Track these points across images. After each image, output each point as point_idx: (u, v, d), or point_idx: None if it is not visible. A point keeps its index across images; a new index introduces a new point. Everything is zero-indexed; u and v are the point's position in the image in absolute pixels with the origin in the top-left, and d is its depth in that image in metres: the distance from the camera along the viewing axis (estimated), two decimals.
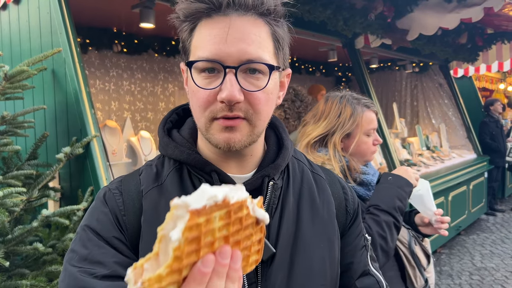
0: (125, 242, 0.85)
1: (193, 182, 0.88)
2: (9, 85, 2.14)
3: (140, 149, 3.75)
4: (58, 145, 2.57)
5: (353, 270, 0.99)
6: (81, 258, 0.81)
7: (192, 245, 0.51)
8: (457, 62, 6.81)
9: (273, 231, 0.86)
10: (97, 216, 0.87)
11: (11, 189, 1.88)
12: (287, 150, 0.94)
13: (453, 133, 6.85)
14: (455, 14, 3.94)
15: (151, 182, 0.89)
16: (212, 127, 0.81)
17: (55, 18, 2.54)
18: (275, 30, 0.83)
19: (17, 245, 2.03)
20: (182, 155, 0.89)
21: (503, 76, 11.01)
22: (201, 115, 0.82)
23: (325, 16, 3.62)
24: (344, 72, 7.94)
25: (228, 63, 0.77)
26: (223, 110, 0.79)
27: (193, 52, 0.81)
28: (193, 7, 0.79)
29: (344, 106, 1.74)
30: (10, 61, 2.95)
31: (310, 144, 1.75)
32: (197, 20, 0.81)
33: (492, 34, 5.44)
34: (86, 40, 4.35)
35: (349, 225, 1.01)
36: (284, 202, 0.90)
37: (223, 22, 0.78)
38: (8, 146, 2.17)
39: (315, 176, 0.99)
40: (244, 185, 0.86)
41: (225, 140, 0.80)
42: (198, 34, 0.81)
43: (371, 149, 1.76)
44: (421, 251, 1.80)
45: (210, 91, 0.79)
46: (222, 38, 0.77)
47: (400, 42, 4.62)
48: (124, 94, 4.86)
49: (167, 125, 0.97)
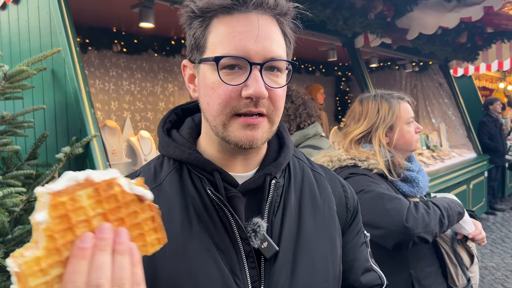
0: None
1: (194, 182, 0.87)
2: (9, 85, 2.14)
3: (140, 148, 3.75)
4: (58, 145, 2.57)
5: (356, 266, 1.00)
6: None
7: (62, 224, 0.53)
8: (457, 61, 6.81)
9: (276, 229, 0.87)
10: None
11: (11, 189, 1.87)
12: (288, 148, 0.95)
13: (453, 133, 6.85)
14: (455, 13, 3.94)
15: (148, 183, 0.88)
16: (232, 124, 0.81)
17: (54, 18, 2.53)
18: (286, 31, 0.85)
19: (17, 245, 2.03)
20: (183, 154, 0.88)
21: (503, 75, 11.01)
22: (220, 112, 0.81)
23: (325, 15, 3.62)
24: (344, 72, 7.94)
25: (254, 59, 0.78)
26: (247, 106, 0.79)
27: (212, 49, 0.81)
28: (216, 2, 0.79)
29: (380, 102, 1.81)
30: (10, 61, 2.95)
31: (354, 141, 1.81)
32: (214, 17, 0.81)
33: (491, 33, 5.44)
34: (86, 40, 4.35)
35: (349, 222, 1.02)
36: (286, 200, 0.90)
37: (246, 19, 0.79)
38: (7, 146, 2.17)
39: (315, 175, 1.00)
40: (246, 184, 0.87)
41: (248, 138, 0.81)
42: (217, 30, 0.80)
43: (414, 137, 1.81)
44: (464, 250, 1.81)
45: (233, 87, 0.79)
46: (249, 35, 0.78)
47: (400, 41, 4.62)
48: (123, 94, 4.85)
49: (166, 125, 0.97)
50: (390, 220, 1.55)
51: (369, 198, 1.60)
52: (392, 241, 1.57)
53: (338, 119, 7.94)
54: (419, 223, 1.55)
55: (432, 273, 1.74)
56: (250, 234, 0.84)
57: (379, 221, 1.57)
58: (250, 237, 0.83)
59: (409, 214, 1.56)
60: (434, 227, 1.58)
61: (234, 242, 0.83)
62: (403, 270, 1.69)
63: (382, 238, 1.58)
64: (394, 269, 1.68)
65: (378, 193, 1.62)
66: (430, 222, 1.58)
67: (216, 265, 0.80)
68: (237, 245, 0.83)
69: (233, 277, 0.81)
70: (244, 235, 0.83)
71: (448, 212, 1.64)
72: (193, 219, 0.83)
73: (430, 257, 1.76)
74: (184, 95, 5.48)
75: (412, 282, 1.67)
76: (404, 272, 1.69)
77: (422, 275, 1.70)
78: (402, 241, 1.55)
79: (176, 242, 0.81)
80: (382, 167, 1.70)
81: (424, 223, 1.56)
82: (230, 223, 0.83)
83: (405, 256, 1.69)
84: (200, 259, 0.80)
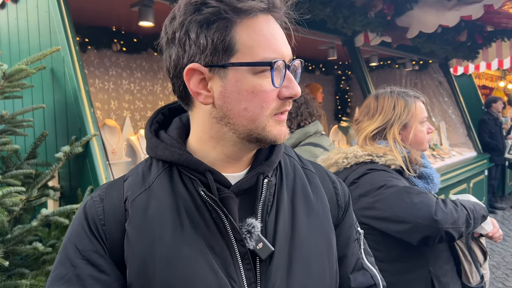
0: (104, 255, 0.83)
1: (185, 183, 0.85)
2: (8, 84, 2.13)
3: (139, 148, 3.75)
4: (57, 144, 2.56)
5: (347, 263, 0.98)
6: (59, 277, 0.82)
7: None
8: (457, 60, 6.80)
9: (270, 229, 0.85)
10: (76, 228, 0.86)
11: (10, 188, 1.87)
12: (280, 146, 0.93)
13: (453, 131, 6.84)
14: (455, 12, 3.93)
15: (137, 187, 0.86)
16: (270, 124, 0.83)
17: (53, 17, 2.53)
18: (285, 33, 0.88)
19: (17, 244, 2.02)
20: (173, 155, 0.85)
21: (503, 73, 11.00)
22: (261, 115, 0.81)
23: (325, 14, 3.60)
24: (344, 70, 7.93)
25: (286, 61, 0.81)
26: (284, 105, 0.83)
27: (247, 52, 0.78)
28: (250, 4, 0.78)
29: (396, 99, 1.80)
30: (9, 60, 2.94)
31: (368, 137, 1.80)
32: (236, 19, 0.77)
33: (492, 31, 5.43)
34: (85, 39, 4.34)
35: (341, 218, 1.01)
36: (279, 199, 0.89)
37: (272, 22, 0.82)
38: (7, 145, 2.16)
39: (307, 172, 0.99)
40: (239, 184, 0.85)
41: (282, 133, 0.84)
42: (249, 33, 0.78)
43: (426, 137, 1.81)
44: (478, 247, 1.81)
45: (273, 89, 0.81)
46: (280, 37, 0.82)
47: (400, 40, 4.61)
48: (123, 93, 4.85)
49: (154, 126, 0.94)
50: (418, 214, 1.53)
51: (392, 192, 1.58)
52: (419, 235, 1.54)
53: (338, 118, 7.93)
54: (448, 217, 1.53)
55: (449, 270, 1.73)
56: (245, 235, 0.82)
57: (405, 216, 1.54)
58: (245, 238, 0.82)
59: (437, 208, 1.54)
60: (461, 225, 1.56)
61: (228, 244, 0.81)
62: (422, 267, 1.68)
63: (407, 233, 1.56)
64: (414, 266, 1.68)
65: (403, 187, 1.60)
66: (459, 219, 1.56)
67: (211, 268, 0.78)
68: (232, 247, 0.81)
69: (229, 280, 0.79)
70: (239, 237, 0.81)
71: (474, 214, 1.63)
72: (185, 221, 0.81)
73: (446, 254, 1.75)
74: None
75: (432, 280, 1.66)
76: (423, 270, 1.67)
77: (441, 273, 1.69)
78: (430, 235, 1.52)
79: (168, 247, 0.79)
80: (400, 162, 1.70)
81: (453, 219, 1.54)
82: (224, 225, 0.81)
83: (424, 253, 1.67)
84: (194, 264, 0.78)
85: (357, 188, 1.67)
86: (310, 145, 2.41)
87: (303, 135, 2.46)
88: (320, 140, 2.48)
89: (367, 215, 1.64)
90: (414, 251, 1.67)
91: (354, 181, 1.69)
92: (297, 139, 2.45)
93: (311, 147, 2.39)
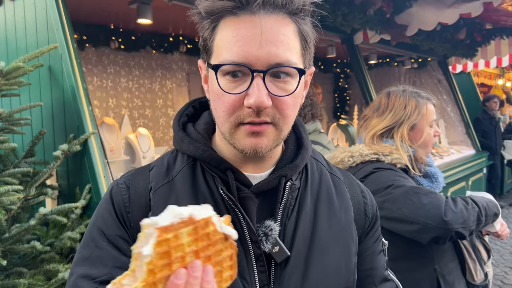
0: (129, 240, 0.83)
1: (206, 179, 0.85)
2: (5, 82, 2.12)
3: (138, 146, 3.73)
4: (55, 143, 2.55)
5: (374, 275, 0.97)
6: (83, 258, 0.82)
7: (163, 259, 0.57)
8: (455, 58, 6.79)
9: (289, 233, 0.84)
10: (102, 213, 0.87)
11: (8, 187, 1.86)
12: (306, 150, 0.91)
13: (452, 129, 6.84)
14: (454, 9, 3.93)
15: (161, 178, 0.87)
16: (238, 132, 0.78)
17: (51, 14, 2.51)
18: (302, 29, 0.79)
19: (15, 243, 2.01)
20: (197, 151, 0.86)
21: (502, 71, 11.01)
22: (225, 120, 0.78)
23: (324, 11, 3.59)
24: (343, 68, 7.93)
25: (256, 66, 0.74)
26: (250, 116, 0.76)
27: (217, 53, 0.77)
28: (218, 5, 0.75)
29: (408, 98, 1.79)
30: (6, 57, 2.92)
31: (376, 135, 1.79)
32: (220, 18, 0.77)
33: (490, 29, 5.42)
34: (83, 37, 4.32)
35: (367, 229, 0.98)
36: (301, 204, 0.87)
37: (251, 21, 0.74)
38: (4, 143, 2.15)
39: (334, 178, 0.96)
40: (260, 185, 0.84)
41: (252, 145, 0.78)
42: (222, 33, 0.76)
43: (432, 140, 1.81)
44: (482, 245, 1.82)
45: (236, 95, 0.75)
46: (251, 40, 0.73)
47: (399, 37, 4.60)
48: (121, 91, 4.83)
49: (183, 119, 0.94)
50: (427, 215, 1.52)
51: (401, 193, 1.58)
52: (429, 236, 1.53)
53: (336, 116, 7.93)
54: (458, 218, 1.52)
55: (454, 268, 1.73)
56: (261, 237, 0.81)
57: (414, 216, 1.54)
58: (261, 240, 0.81)
59: (447, 208, 1.54)
60: (472, 223, 1.56)
61: (244, 244, 0.80)
62: (428, 265, 1.68)
63: (417, 233, 1.56)
64: (420, 265, 1.68)
65: (410, 187, 1.59)
66: (469, 218, 1.55)
67: None
68: (247, 247, 0.81)
69: (241, 280, 0.79)
70: (255, 238, 0.81)
71: (486, 212, 1.63)
72: None
73: (451, 252, 1.75)
74: (182, 92, 5.46)
75: (437, 278, 1.66)
76: (429, 268, 1.68)
77: (446, 271, 1.69)
78: (440, 235, 1.52)
79: None
80: (406, 161, 1.69)
81: (463, 219, 1.53)
82: (241, 225, 0.81)
83: (430, 251, 1.68)
84: None
85: None
86: None
87: None
88: (318, 138, 2.50)
89: None
90: (420, 250, 1.67)
91: (361, 180, 1.69)
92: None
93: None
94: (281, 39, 0.74)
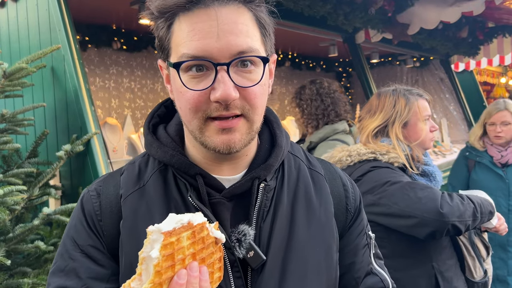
0: (102, 249, 0.82)
1: (178, 186, 0.82)
2: (8, 83, 2.13)
3: (140, 146, 3.75)
4: (58, 143, 2.56)
5: (354, 270, 0.94)
6: (59, 269, 0.82)
7: (168, 261, 0.62)
8: (458, 56, 6.77)
9: (265, 237, 0.81)
10: (74, 222, 0.85)
11: (11, 187, 1.87)
12: (280, 148, 0.87)
13: (455, 128, 6.83)
14: (456, 8, 3.92)
15: (131, 185, 0.84)
16: (208, 128, 0.76)
17: (53, 15, 2.52)
18: (259, 16, 0.77)
19: (18, 243, 2.03)
20: (166, 156, 0.82)
21: (504, 70, 10.97)
22: (192, 117, 0.76)
23: (325, 10, 3.59)
24: (345, 67, 7.92)
25: (218, 59, 0.72)
26: (217, 110, 0.73)
27: (176, 50, 0.75)
28: (170, 2, 0.73)
29: (398, 97, 1.82)
30: (9, 58, 2.94)
31: (370, 135, 1.81)
32: (175, 16, 0.75)
33: (493, 27, 5.41)
34: (85, 37, 4.33)
35: (349, 224, 0.95)
36: (277, 204, 0.84)
37: (206, 14, 0.72)
38: (8, 144, 2.16)
39: (313, 173, 0.92)
40: (232, 189, 0.81)
41: (225, 142, 0.75)
42: (179, 31, 0.74)
43: (429, 135, 1.82)
44: (481, 242, 1.83)
45: (201, 91, 0.73)
46: (209, 32, 0.71)
47: (400, 36, 4.59)
48: (124, 91, 4.84)
49: (154, 120, 0.91)
50: (424, 208, 1.54)
51: (397, 188, 1.60)
52: (427, 229, 1.55)
53: None
54: (454, 211, 1.54)
55: (452, 265, 1.75)
56: (234, 243, 0.78)
57: (411, 210, 1.55)
58: (234, 246, 0.78)
59: (443, 201, 1.55)
60: (468, 218, 1.57)
61: None
62: (425, 262, 1.69)
63: (414, 228, 1.57)
64: (417, 261, 1.70)
65: (407, 182, 1.61)
66: (465, 212, 1.57)
67: None
68: None
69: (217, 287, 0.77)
70: (228, 244, 0.78)
71: (481, 209, 1.64)
72: None
73: (450, 249, 1.76)
74: None
75: (435, 275, 1.68)
76: (426, 265, 1.69)
77: (444, 268, 1.70)
78: (437, 229, 1.54)
79: None
80: (403, 160, 1.71)
81: (459, 212, 1.55)
82: None
83: (427, 248, 1.69)
84: None
85: (361, 186, 1.68)
86: (337, 141, 2.51)
87: (331, 131, 2.55)
88: (346, 138, 2.57)
89: (372, 211, 1.64)
90: (417, 247, 1.68)
91: (358, 179, 1.70)
92: (326, 134, 2.55)
93: (338, 143, 2.47)
94: (239, 28, 0.73)
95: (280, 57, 6.53)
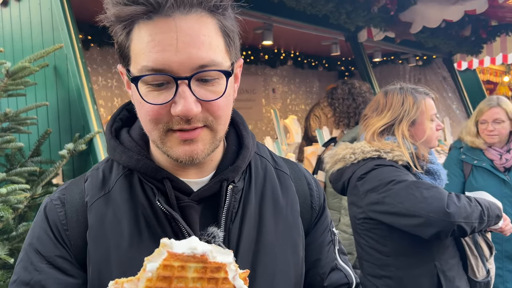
0: (70, 259, 0.80)
1: (145, 190, 0.80)
2: (11, 82, 2.14)
3: None
4: (61, 142, 2.57)
5: (320, 266, 0.95)
6: (23, 283, 0.78)
7: (163, 282, 0.58)
8: (460, 55, 6.75)
9: (234, 238, 0.81)
10: (38, 233, 0.82)
11: (14, 186, 1.88)
12: (247, 149, 0.86)
13: (457, 127, 6.79)
14: (459, 6, 3.91)
15: (96, 191, 0.82)
16: (169, 139, 0.74)
17: (56, 14, 2.53)
18: (223, 24, 0.74)
19: (22, 242, 2.03)
20: (131, 161, 0.80)
21: (507, 68, 10.93)
22: (153, 128, 0.74)
23: (328, 9, 3.59)
24: (347, 66, 7.90)
25: (179, 73, 0.69)
26: (179, 123, 0.71)
27: (135, 60, 0.72)
28: (127, 11, 0.69)
29: (405, 95, 1.80)
30: (12, 57, 2.94)
31: (376, 133, 1.80)
32: (133, 23, 0.71)
33: (496, 26, 5.39)
34: (88, 36, 4.34)
35: (314, 221, 0.96)
36: (245, 205, 0.84)
37: (166, 25, 0.68)
38: (11, 143, 2.17)
39: (279, 173, 0.93)
40: (201, 191, 0.79)
41: (187, 153, 0.74)
42: (138, 39, 0.71)
43: (435, 134, 1.81)
44: (484, 242, 1.82)
45: (161, 105, 0.71)
46: (168, 45, 0.68)
47: (403, 35, 4.58)
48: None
49: (116, 124, 0.88)
50: (430, 208, 1.52)
51: (402, 187, 1.58)
52: (432, 229, 1.54)
53: None
54: (461, 211, 1.53)
55: (454, 265, 1.74)
56: None
57: (416, 210, 1.54)
58: None
59: (450, 201, 1.54)
60: (474, 220, 1.56)
61: None
62: (428, 262, 1.69)
63: (419, 227, 1.56)
64: (419, 261, 1.69)
65: (412, 182, 1.60)
66: (472, 214, 1.56)
67: None
68: None
69: None
70: None
71: (489, 212, 1.63)
72: (143, 230, 0.78)
73: (452, 249, 1.75)
74: None
75: (438, 274, 1.67)
76: (429, 264, 1.68)
77: (447, 267, 1.70)
78: (442, 229, 1.52)
79: (124, 255, 0.76)
80: (407, 158, 1.70)
81: (466, 213, 1.54)
82: (183, 235, 0.77)
83: (430, 248, 1.68)
84: None
85: (364, 184, 1.67)
86: None
87: None
88: None
89: (376, 210, 1.64)
90: (419, 246, 1.67)
91: (362, 176, 1.69)
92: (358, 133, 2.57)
93: None
94: (201, 40, 0.69)
95: (283, 56, 6.53)
